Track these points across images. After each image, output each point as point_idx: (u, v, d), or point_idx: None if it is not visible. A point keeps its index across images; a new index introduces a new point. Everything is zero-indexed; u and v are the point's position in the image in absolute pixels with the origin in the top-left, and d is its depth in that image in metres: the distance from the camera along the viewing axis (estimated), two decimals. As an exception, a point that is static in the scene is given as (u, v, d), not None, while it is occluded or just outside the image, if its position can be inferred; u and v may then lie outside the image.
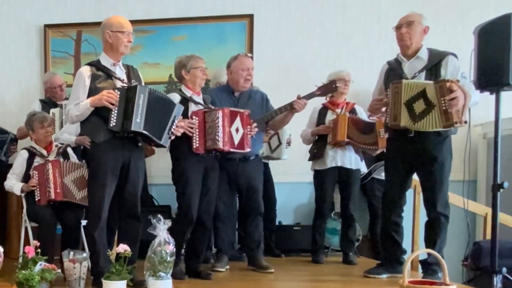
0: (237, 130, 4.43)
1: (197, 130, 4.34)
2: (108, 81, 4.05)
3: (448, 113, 3.94)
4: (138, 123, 3.90)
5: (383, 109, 4.43)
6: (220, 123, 4.33)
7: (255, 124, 4.54)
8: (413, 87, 4.07)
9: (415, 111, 4.05)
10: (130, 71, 4.20)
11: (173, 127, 4.11)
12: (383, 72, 4.46)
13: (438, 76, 4.13)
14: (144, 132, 3.94)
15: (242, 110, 4.51)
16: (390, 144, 4.47)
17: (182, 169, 4.43)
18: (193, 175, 4.40)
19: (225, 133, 4.35)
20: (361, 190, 5.87)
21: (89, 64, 4.16)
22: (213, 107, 4.51)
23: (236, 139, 4.43)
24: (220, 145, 4.33)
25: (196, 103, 4.47)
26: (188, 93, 4.49)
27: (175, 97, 4.37)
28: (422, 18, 4.25)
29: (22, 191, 4.74)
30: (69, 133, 5.00)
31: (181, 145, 4.35)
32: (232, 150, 4.42)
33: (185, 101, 4.39)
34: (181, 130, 4.25)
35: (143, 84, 4.20)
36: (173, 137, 4.20)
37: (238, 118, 4.45)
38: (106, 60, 4.10)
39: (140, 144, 4.13)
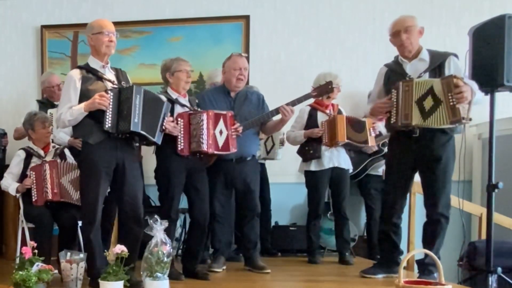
0: (220, 132, 4.45)
1: (182, 132, 4.35)
2: (99, 83, 4.04)
3: (455, 109, 3.88)
4: (136, 123, 3.90)
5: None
6: (205, 126, 4.35)
7: (238, 124, 4.54)
8: (423, 85, 4.02)
9: (425, 108, 4.00)
10: (119, 73, 4.20)
11: (164, 123, 4.12)
12: (382, 74, 4.39)
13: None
14: (142, 132, 3.95)
15: (225, 112, 4.52)
16: (393, 144, 4.41)
17: (166, 170, 4.45)
18: (176, 176, 4.43)
19: (209, 135, 4.37)
20: (358, 189, 5.89)
21: (78, 67, 4.15)
22: (199, 109, 4.52)
23: (220, 141, 4.45)
24: (205, 147, 4.35)
25: (182, 105, 4.49)
26: (174, 95, 4.50)
27: (162, 99, 4.37)
28: (415, 19, 4.22)
29: (17, 191, 4.77)
30: (65, 132, 5.01)
31: (166, 146, 4.33)
32: (216, 152, 4.45)
33: (170, 103, 4.38)
34: (172, 125, 4.26)
35: None
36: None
37: (221, 120, 4.47)
38: (95, 63, 4.10)
39: (136, 144, 4.14)
